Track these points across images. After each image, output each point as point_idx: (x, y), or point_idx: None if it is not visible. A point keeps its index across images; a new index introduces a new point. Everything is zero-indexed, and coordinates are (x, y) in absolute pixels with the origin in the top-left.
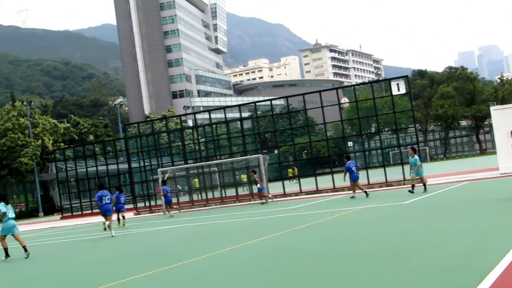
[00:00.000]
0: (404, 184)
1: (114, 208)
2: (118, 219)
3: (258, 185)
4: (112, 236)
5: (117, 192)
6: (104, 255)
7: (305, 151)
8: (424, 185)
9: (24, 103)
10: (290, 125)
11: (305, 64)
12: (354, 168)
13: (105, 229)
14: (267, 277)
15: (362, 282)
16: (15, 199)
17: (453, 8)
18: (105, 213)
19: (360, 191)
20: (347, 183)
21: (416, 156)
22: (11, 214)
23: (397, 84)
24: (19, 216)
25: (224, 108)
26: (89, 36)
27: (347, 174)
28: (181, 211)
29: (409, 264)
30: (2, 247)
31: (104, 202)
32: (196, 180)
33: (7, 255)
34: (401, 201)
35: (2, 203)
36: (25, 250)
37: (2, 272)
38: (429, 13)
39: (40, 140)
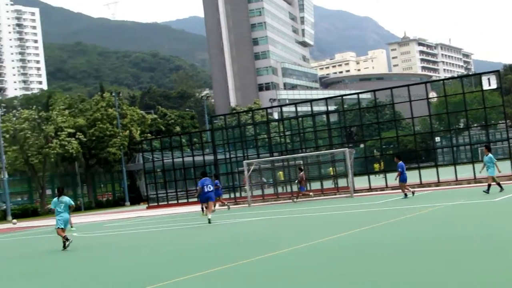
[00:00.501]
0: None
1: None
2: (202, 209)
3: (300, 185)
4: (209, 221)
5: (216, 180)
6: (193, 244)
7: (391, 146)
8: (489, 186)
9: (113, 94)
10: (377, 119)
11: (393, 58)
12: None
13: (209, 221)
14: (358, 270)
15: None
16: (103, 188)
17: None
18: (207, 200)
19: (407, 191)
20: (433, 179)
21: (490, 155)
22: (61, 209)
23: (488, 79)
24: (106, 205)
25: (310, 101)
26: (176, 28)
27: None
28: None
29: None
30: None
31: (206, 190)
32: (281, 172)
33: (67, 240)
34: (491, 198)
35: (56, 198)
36: (64, 244)
37: (88, 263)
38: None
39: (128, 131)
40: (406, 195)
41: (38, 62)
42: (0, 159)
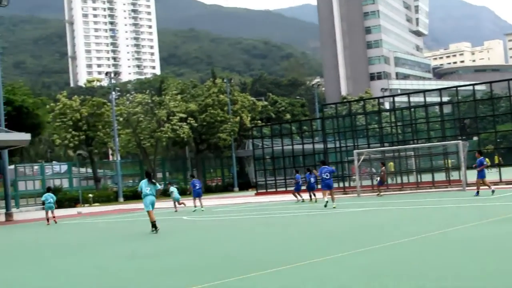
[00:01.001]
0: None
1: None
2: (310, 196)
3: (378, 178)
4: (325, 204)
5: (308, 173)
6: (310, 231)
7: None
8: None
9: (224, 80)
10: (492, 112)
11: (510, 49)
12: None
13: (325, 205)
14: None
15: None
16: (212, 173)
17: None
18: (327, 187)
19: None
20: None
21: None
22: (149, 191)
23: None
24: (215, 190)
25: (424, 91)
26: (288, 16)
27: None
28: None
29: None
30: (150, 220)
31: (323, 177)
32: (391, 163)
33: (154, 228)
34: None
35: (144, 180)
36: (154, 227)
37: (201, 247)
38: None
39: (238, 117)
40: (478, 192)
41: (151, 47)
42: (113, 141)
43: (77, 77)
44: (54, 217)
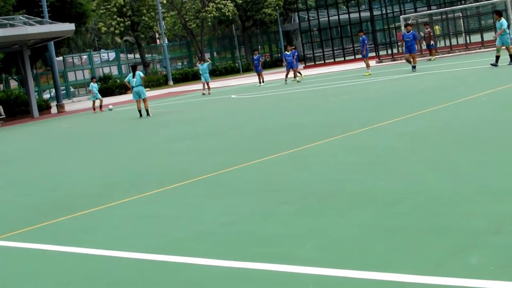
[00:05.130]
0: None
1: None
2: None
3: (432, 42)
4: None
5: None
6: (365, 97)
7: None
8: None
9: None
10: None
11: None
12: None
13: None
14: None
15: None
16: (260, 49)
17: None
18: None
19: None
20: None
21: (503, 20)
22: (134, 83)
23: None
24: (264, 66)
25: None
26: None
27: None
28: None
29: None
30: (137, 108)
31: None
32: (437, 27)
33: (140, 115)
34: None
35: (129, 75)
36: (147, 113)
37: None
38: None
39: None
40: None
41: None
42: (159, 25)
43: None
44: (101, 106)
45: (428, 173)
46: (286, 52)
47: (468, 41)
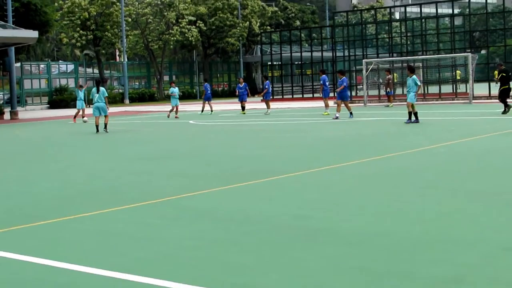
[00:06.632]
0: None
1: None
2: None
3: (388, 89)
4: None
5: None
6: (307, 140)
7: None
8: (411, 114)
9: None
10: (503, 25)
11: None
12: None
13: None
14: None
15: None
16: (219, 78)
17: None
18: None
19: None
20: None
21: (414, 76)
22: (96, 99)
23: None
24: (221, 95)
25: (435, 2)
26: None
27: None
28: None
29: None
30: (95, 123)
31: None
32: (396, 75)
33: (97, 131)
34: None
35: (93, 89)
36: (105, 127)
37: (215, 147)
38: None
39: (247, 22)
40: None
41: None
42: (121, 42)
43: None
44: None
45: (390, 216)
46: (239, 84)
47: (426, 92)
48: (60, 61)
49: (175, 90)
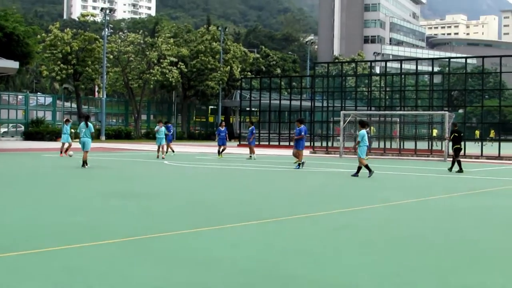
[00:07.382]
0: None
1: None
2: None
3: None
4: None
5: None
6: (279, 188)
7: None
8: (359, 168)
9: (219, 29)
10: (481, 86)
11: (505, 26)
12: None
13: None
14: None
15: None
16: (196, 119)
17: None
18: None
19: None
20: None
21: (363, 131)
22: (82, 134)
23: None
24: (198, 137)
25: (416, 59)
26: None
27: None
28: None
29: None
30: (82, 158)
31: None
32: (373, 128)
33: (83, 165)
34: None
35: (82, 124)
36: (84, 164)
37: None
38: None
39: (228, 67)
40: (299, 164)
41: None
42: (101, 78)
43: (71, 10)
44: (66, 150)
45: (364, 270)
46: (220, 127)
47: (402, 146)
48: (38, 93)
49: (161, 129)
